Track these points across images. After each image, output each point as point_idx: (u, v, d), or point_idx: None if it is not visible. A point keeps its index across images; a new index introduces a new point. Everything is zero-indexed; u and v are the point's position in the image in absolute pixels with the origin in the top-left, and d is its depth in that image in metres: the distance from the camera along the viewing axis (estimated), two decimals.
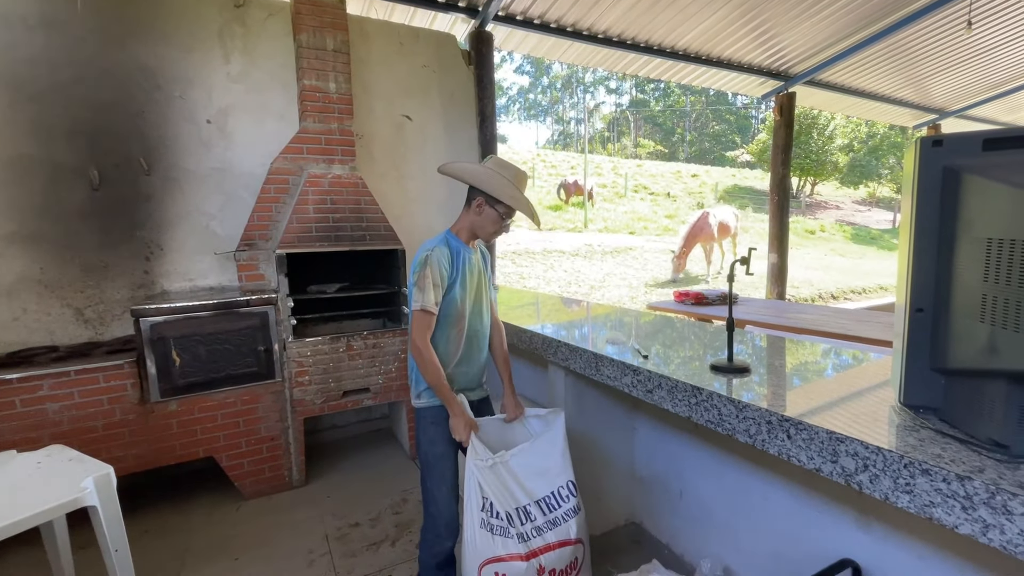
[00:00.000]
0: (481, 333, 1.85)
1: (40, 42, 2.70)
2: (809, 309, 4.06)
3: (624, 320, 2.47)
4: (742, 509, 1.83)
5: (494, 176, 1.70)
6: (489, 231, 1.77)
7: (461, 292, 1.73)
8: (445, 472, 1.74)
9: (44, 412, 2.33)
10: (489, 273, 1.92)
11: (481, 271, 1.85)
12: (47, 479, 1.68)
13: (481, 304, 1.84)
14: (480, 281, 1.83)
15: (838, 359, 1.70)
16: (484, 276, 1.87)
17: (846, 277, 11.86)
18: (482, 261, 1.88)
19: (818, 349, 1.86)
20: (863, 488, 0.98)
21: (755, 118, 45.93)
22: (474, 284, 1.80)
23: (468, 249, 1.79)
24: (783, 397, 1.27)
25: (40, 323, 2.78)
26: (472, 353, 1.82)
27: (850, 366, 1.62)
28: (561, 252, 11.58)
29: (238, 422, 2.77)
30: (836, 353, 1.78)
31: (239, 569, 2.25)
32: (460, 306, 1.74)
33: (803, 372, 1.57)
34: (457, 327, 1.76)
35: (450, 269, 1.70)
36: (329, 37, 3.04)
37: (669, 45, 5.16)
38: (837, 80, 6.42)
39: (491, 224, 1.75)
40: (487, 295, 1.88)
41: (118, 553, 1.69)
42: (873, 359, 1.66)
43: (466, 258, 1.77)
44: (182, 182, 3.07)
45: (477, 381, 1.90)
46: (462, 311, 1.75)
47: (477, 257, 1.84)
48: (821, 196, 26.17)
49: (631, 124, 47.67)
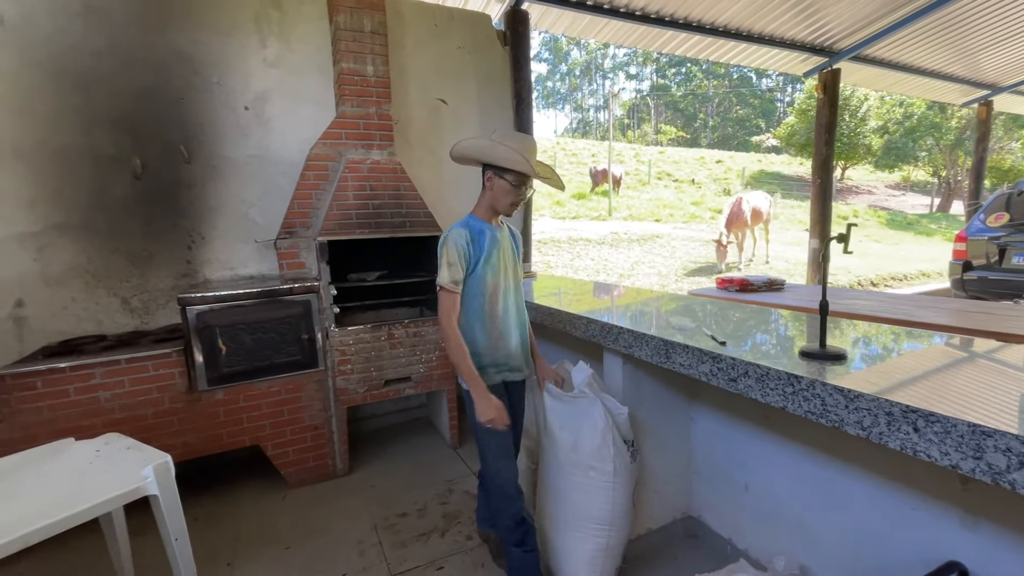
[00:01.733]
0: (518, 308, 1.86)
1: (82, 29, 2.68)
2: (863, 295, 3.86)
3: (684, 306, 2.36)
4: (819, 504, 1.72)
5: (496, 146, 1.68)
6: (505, 203, 1.74)
7: (488, 269, 1.74)
8: (504, 442, 1.77)
9: (97, 400, 2.34)
10: (517, 250, 1.91)
11: (512, 248, 1.86)
12: (107, 468, 1.67)
13: (512, 280, 1.84)
14: (511, 258, 1.84)
15: (945, 348, 1.57)
16: (515, 254, 1.88)
17: (884, 263, 11.43)
18: (512, 240, 1.88)
19: (915, 336, 1.72)
20: (1016, 488, 0.87)
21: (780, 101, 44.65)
22: (503, 261, 1.79)
23: (492, 227, 1.78)
24: (898, 386, 1.15)
25: (88, 312, 2.79)
26: (509, 328, 1.82)
27: (961, 355, 1.49)
28: (587, 240, 11.42)
29: (283, 411, 2.75)
30: (941, 341, 1.65)
31: (291, 558, 2.23)
32: (489, 282, 1.75)
33: (909, 360, 1.45)
34: (489, 303, 1.76)
35: (469, 248, 1.71)
36: (367, 18, 2.96)
37: (708, 21, 4.95)
38: (883, 55, 6.10)
39: (504, 196, 1.72)
40: (519, 270, 1.89)
41: (179, 542, 1.68)
42: (997, 347, 1.52)
43: (491, 236, 1.76)
44: (222, 170, 3.05)
45: (519, 360, 1.87)
46: (493, 287, 1.76)
47: (505, 235, 1.83)
48: (852, 180, 25.32)
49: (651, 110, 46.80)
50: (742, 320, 2.02)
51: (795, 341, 1.71)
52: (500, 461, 1.76)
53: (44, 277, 2.68)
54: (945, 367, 1.34)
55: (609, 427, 1.84)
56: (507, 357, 1.82)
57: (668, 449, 2.19)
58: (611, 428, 1.84)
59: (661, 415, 2.16)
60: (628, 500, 1.89)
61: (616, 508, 1.85)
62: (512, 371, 1.85)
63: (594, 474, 1.84)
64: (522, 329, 1.89)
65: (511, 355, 1.83)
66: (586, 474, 1.85)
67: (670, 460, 2.21)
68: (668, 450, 2.19)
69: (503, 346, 1.80)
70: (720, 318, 2.08)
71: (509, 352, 1.82)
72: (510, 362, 1.84)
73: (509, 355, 1.83)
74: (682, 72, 45.38)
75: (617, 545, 1.89)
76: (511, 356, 1.83)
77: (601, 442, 1.83)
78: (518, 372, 1.88)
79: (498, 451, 1.76)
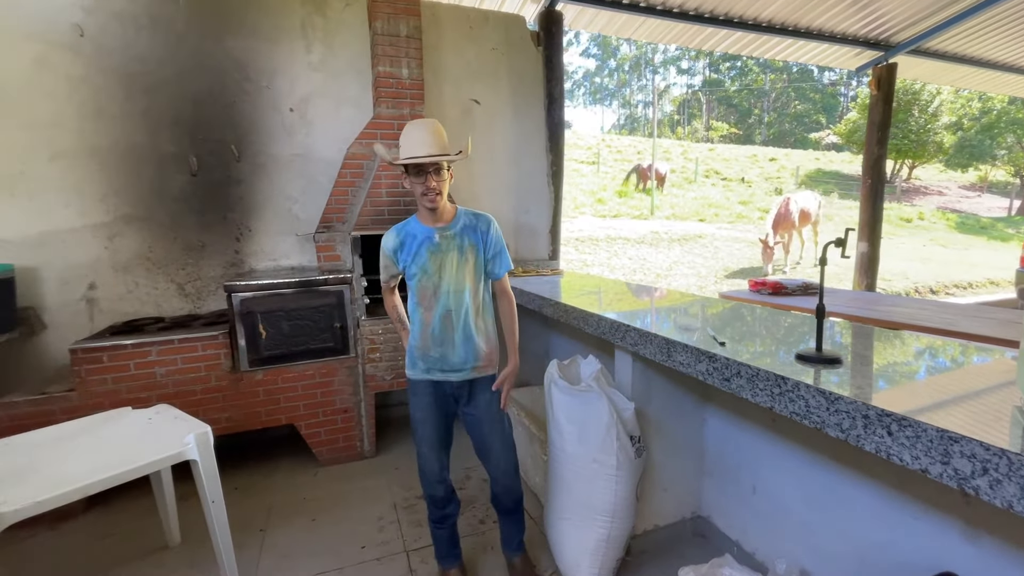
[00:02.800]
0: (457, 313, 1.78)
1: (148, 39, 2.96)
2: (905, 302, 3.69)
3: (695, 307, 2.37)
4: (823, 509, 1.71)
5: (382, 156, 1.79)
6: (417, 196, 1.72)
7: (419, 273, 1.75)
8: (425, 433, 1.87)
9: (153, 375, 2.60)
10: (481, 249, 1.82)
11: (456, 249, 1.76)
12: (157, 434, 1.88)
13: (454, 283, 1.77)
14: (451, 260, 1.76)
15: (948, 354, 1.53)
16: (462, 254, 1.77)
17: (948, 270, 10.68)
18: (466, 238, 1.79)
19: (922, 343, 1.68)
20: (980, 494, 0.87)
21: (844, 95, 42.19)
22: (441, 263, 1.75)
23: (429, 230, 1.76)
24: (882, 391, 1.16)
25: (149, 296, 3.09)
26: (447, 334, 1.78)
27: (963, 363, 1.45)
28: (626, 239, 11.29)
29: (316, 393, 2.95)
30: (945, 348, 1.61)
31: (316, 528, 2.41)
32: (422, 286, 1.76)
33: (905, 366, 1.43)
34: (422, 307, 1.78)
35: (398, 252, 1.77)
36: (402, 23, 3.11)
37: (751, 17, 4.81)
38: (947, 48, 5.71)
39: (414, 190, 1.72)
40: (468, 273, 1.79)
41: (215, 504, 1.86)
42: (996, 356, 1.47)
43: (425, 239, 1.75)
44: (268, 167, 3.28)
45: (461, 363, 1.81)
46: (426, 291, 1.77)
47: (448, 236, 1.76)
48: (920, 180, 23.67)
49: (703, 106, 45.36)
50: (755, 322, 2.02)
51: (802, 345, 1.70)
52: (420, 447, 1.89)
53: (113, 263, 2.99)
54: (942, 375, 1.32)
55: (614, 422, 1.89)
56: (441, 357, 1.80)
57: (678, 448, 2.21)
58: (616, 423, 1.89)
59: (672, 414, 2.18)
60: (631, 494, 1.93)
61: (618, 501, 1.90)
62: (446, 372, 1.82)
63: (597, 466, 1.89)
64: (467, 330, 1.80)
65: (445, 356, 1.80)
66: (589, 466, 1.91)
67: (680, 459, 2.22)
68: (678, 449, 2.21)
69: (435, 346, 1.79)
70: (734, 320, 2.08)
71: (444, 353, 1.80)
72: (444, 364, 1.81)
73: (444, 356, 1.80)
74: (737, 66, 43.71)
75: (619, 537, 1.94)
76: (445, 358, 1.80)
77: (605, 436, 1.89)
78: (454, 373, 1.82)
79: (420, 439, 1.89)
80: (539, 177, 4.10)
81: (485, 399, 1.89)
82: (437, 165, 1.67)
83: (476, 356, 1.83)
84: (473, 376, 1.86)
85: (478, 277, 1.84)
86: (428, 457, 1.89)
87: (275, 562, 2.18)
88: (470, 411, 1.91)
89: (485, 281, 1.89)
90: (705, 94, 45.53)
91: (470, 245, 1.80)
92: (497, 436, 1.92)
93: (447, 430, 1.93)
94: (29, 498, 1.40)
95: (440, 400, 1.87)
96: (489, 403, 1.89)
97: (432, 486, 1.92)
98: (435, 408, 1.87)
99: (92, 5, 2.84)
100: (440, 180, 1.68)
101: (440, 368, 1.82)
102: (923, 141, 20.36)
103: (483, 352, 1.86)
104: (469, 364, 1.83)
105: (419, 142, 1.65)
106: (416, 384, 1.88)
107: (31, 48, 2.76)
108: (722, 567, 1.53)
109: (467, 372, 1.84)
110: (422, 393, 1.86)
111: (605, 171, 18.70)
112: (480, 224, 1.84)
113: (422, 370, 1.85)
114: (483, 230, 1.84)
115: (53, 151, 2.83)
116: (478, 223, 1.84)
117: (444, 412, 1.90)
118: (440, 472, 1.91)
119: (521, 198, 4.05)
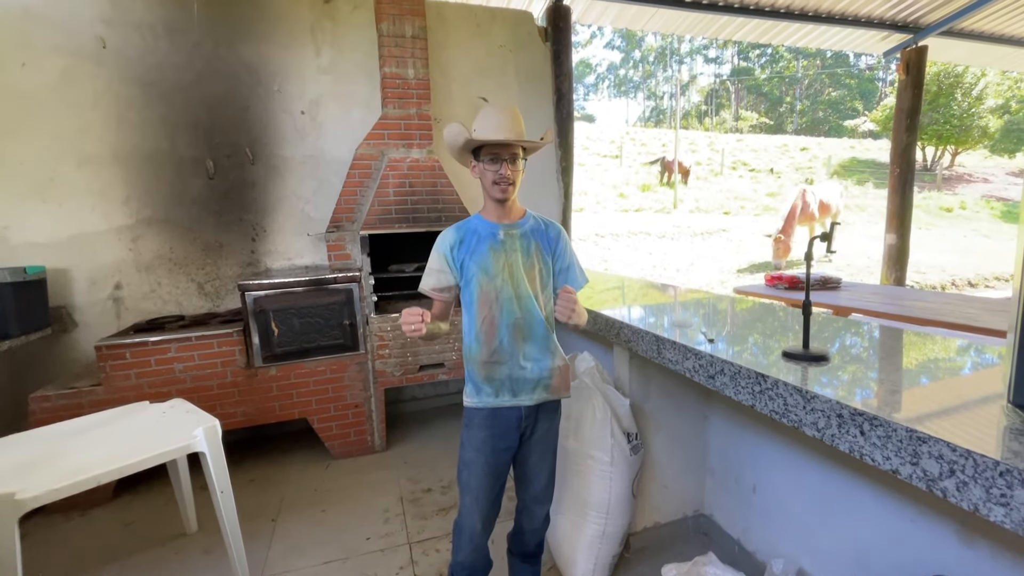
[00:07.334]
0: (525, 323, 1.53)
1: (166, 48, 3.08)
2: (930, 296, 3.54)
3: (700, 304, 2.33)
4: (822, 510, 1.67)
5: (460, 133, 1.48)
6: (488, 185, 1.51)
7: (479, 273, 1.52)
8: (478, 479, 1.55)
9: (172, 371, 2.72)
10: (549, 257, 1.60)
11: (522, 250, 1.55)
12: (169, 427, 1.97)
13: (520, 288, 1.53)
14: (516, 261, 1.54)
15: (948, 351, 1.47)
16: (528, 256, 1.56)
17: (990, 262, 10.16)
18: (532, 239, 1.58)
19: (924, 339, 1.62)
20: (948, 496, 0.85)
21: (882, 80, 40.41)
22: (504, 264, 1.53)
23: (494, 226, 1.55)
24: (864, 389, 1.13)
25: (171, 295, 3.23)
26: (517, 346, 1.53)
27: (968, 361, 1.40)
28: (647, 234, 11.14)
29: (327, 388, 3.03)
30: (947, 345, 1.55)
31: (325, 519, 2.49)
32: (483, 291, 1.52)
33: (900, 363, 1.39)
34: (481, 315, 1.53)
35: (453, 252, 1.55)
36: (408, 24, 3.14)
37: (769, 3, 4.67)
38: (983, 28, 5.43)
39: (485, 178, 1.51)
40: (536, 279, 1.57)
41: (223, 494, 1.94)
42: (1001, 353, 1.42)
43: (488, 235, 1.54)
44: (281, 169, 3.38)
45: (535, 381, 1.55)
46: (487, 296, 1.52)
47: (514, 234, 1.56)
48: (964, 167, 22.53)
49: (731, 95, 44.18)
50: (754, 319, 1.98)
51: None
52: (464, 496, 1.58)
53: (136, 264, 3.14)
54: (939, 373, 1.28)
55: (608, 418, 1.89)
56: (510, 376, 1.54)
57: (679, 445, 2.20)
58: (610, 419, 1.89)
59: (672, 411, 2.16)
60: (627, 490, 1.93)
61: (613, 497, 1.90)
62: (518, 394, 1.55)
63: (592, 462, 1.90)
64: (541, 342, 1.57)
65: (517, 375, 1.54)
66: (584, 462, 1.92)
67: (681, 456, 2.21)
68: (679, 446, 2.20)
69: (504, 362, 1.53)
70: (738, 317, 2.04)
71: (513, 370, 1.54)
72: (516, 384, 1.54)
73: (514, 374, 1.54)
74: (767, 53, 42.36)
75: (615, 533, 1.95)
76: (517, 376, 1.54)
77: (600, 432, 1.89)
78: (527, 396, 1.55)
79: (465, 485, 1.57)
80: (548, 173, 4.10)
81: (544, 427, 1.62)
82: (514, 153, 1.49)
83: (551, 373, 1.58)
84: (544, 399, 1.59)
85: (544, 286, 1.60)
86: (471, 511, 1.56)
87: (284, 551, 2.26)
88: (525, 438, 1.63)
89: (553, 294, 1.63)
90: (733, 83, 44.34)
91: (537, 249, 1.58)
92: (547, 467, 1.66)
93: (500, 478, 1.59)
94: (45, 486, 1.49)
95: (501, 434, 1.56)
96: (548, 430, 1.64)
97: (465, 550, 1.58)
98: (491, 446, 1.55)
99: (112, 17, 2.97)
100: (515, 170, 1.50)
101: (511, 390, 1.55)
102: (967, 126, 19.35)
103: (558, 368, 1.60)
104: (544, 382, 1.57)
105: (497, 126, 1.48)
106: (474, 414, 1.57)
107: (59, 61, 2.91)
108: (705, 565, 1.51)
109: (540, 393, 1.58)
110: (478, 426, 1.56)
111: (628, 165, 18.47)
112: (550, 231, 1.63)
113: (489, 394, 1.54)
114: (553, 237, 1.63)
115: (79, 159, 2.98)
116: (548, 229, 1.63)
117: (504, 451, 1.57)
118: (481, 534, 1.57)
119: (530, 193, 4.05)
